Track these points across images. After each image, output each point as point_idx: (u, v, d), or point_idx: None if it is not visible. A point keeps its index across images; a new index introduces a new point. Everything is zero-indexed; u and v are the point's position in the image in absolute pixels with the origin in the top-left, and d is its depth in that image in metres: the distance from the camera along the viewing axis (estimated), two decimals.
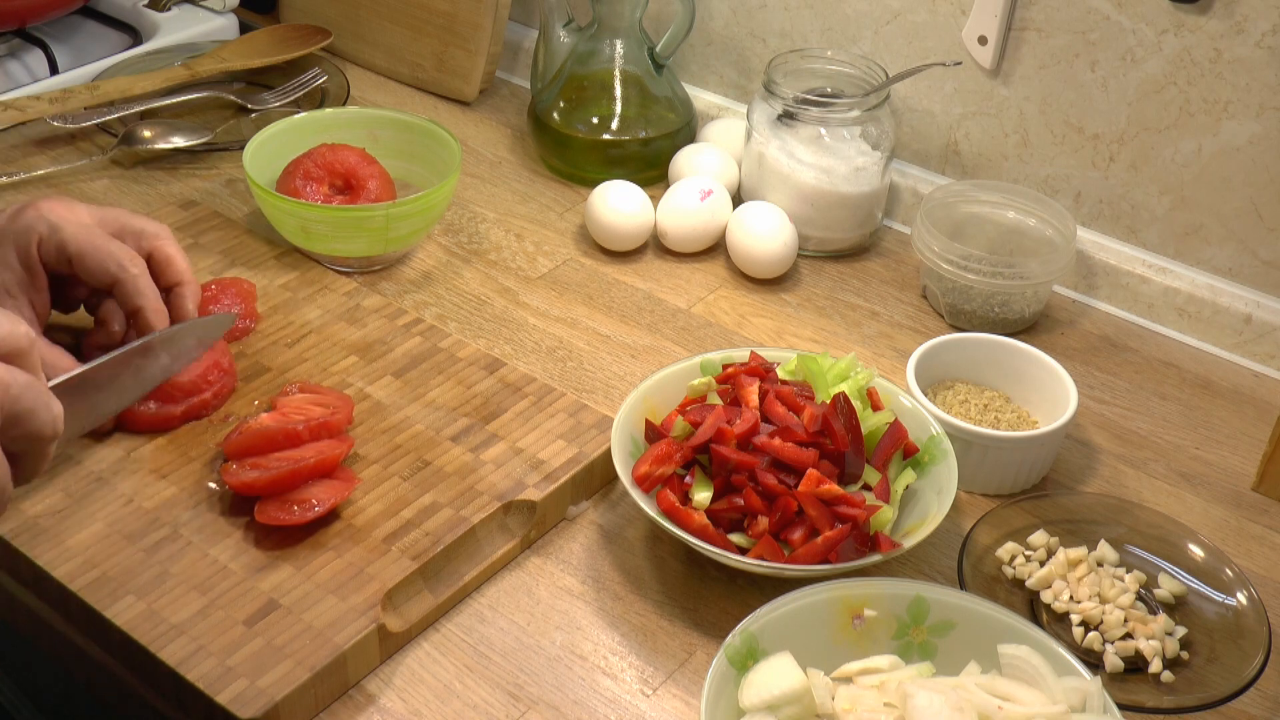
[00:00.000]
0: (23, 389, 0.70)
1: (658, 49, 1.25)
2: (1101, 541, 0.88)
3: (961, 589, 0.82)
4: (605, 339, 1.07)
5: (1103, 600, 0.84)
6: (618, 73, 1.25)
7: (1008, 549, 0.88)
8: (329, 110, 1.19)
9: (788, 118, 1.15)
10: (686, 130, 1.27)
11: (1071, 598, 0.85)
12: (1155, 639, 0.82)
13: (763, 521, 0.83)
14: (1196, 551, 0.87)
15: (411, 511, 0.86)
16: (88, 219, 0.90)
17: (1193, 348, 1.11)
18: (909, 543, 0.83)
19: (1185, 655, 0.82)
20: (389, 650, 0.81)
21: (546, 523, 0.90)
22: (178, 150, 1.24)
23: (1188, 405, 1.05)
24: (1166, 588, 0.86)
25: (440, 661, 0.81)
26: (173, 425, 0.91)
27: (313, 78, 1.35)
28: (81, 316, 0.96)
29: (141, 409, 0.90)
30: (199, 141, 1.24)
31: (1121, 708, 0.72)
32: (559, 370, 1.03)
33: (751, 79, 1.30)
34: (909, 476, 0.88)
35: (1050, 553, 0.88)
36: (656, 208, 1.17)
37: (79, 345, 0.93)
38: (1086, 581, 0.85)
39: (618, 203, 1.15)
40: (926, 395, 0.96)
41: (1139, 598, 0.85)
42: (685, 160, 1.22)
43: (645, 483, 0.86)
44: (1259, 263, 1.08)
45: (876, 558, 0.82)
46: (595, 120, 1.25)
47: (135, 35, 1.44)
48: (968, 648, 0.76)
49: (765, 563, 0.81)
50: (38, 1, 1.38)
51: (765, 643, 0.74)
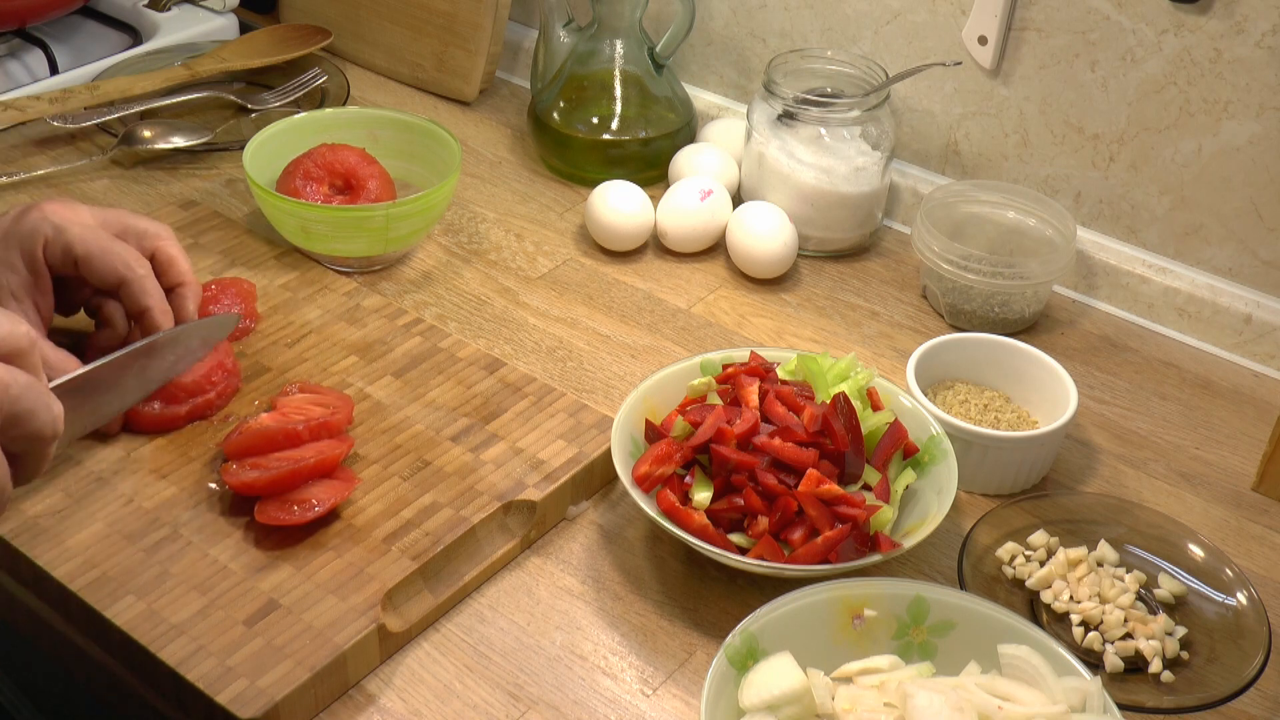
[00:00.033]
0: (23, 389, 0.70)
1: (658, 49, 1.25)
2: (1101, 541, 0.88)
3: (961, 589, 0.82)
4: (605, 339, 1.07)
5: (1103, 600, 0.84)
6: (618, 73, 1.25)
7: (1008, 549, 0.88)
8: (329, 110, 1.19)
9: (788, 118, 1.15)
10: (686, 130, 1.27)
11: (1071, 598, 0.85)
12: (1155, 639, 0.82)
13: (763, 521, 0.83)
14: (1196, 551, 0.87)
15: (411, 511, 0.86)
16: (90, 220, 0.90)
17: (1193, 348, 1.11)
18: (909, 543, 0.83)
19: (1185, 655, 0.82)
20: (389, 650, 0.81)
21: (546, 523, 0.90)
22: (178, 150, 1.24)
23: (1188, 405, 1.05)
24: (1166, 588, 0.86)
25: (440, 661, 0.81)
26: (177, 425, 0.91)
27: (313, 78, 1.35)
28: (81, 320, 0.96)
29: (146, 409, 0.90)
30: (199, 141, 1.24)
31: (1121, 708, 0.72)
32: (559, 370, 1.03)
33: (751, 79, 1.30)
34: (909, 476, 0.88)
35: (1050, 553, 0.88)
36: (656, 208, 1.17)
37: (80, 348, 0.93)
38: (1086, 581, 0.85)
39: (618, 203, 1.15)
40: (926, 395, 0.96)
41: (1139, 598, 0.85)
42: (685, 160, 1.22)
43: (645, 483, 0.86)
44: (1259, 263, 1.08)
45: (876, 558, 0.82)
46: (595, 120, 1.25)
47: (135, 35, 1.44)
48: (968, 648, 0.76)
49: (765, 563, 0.81)
50: (38, 1, 1.38)
51: (765, 643, 0.74)
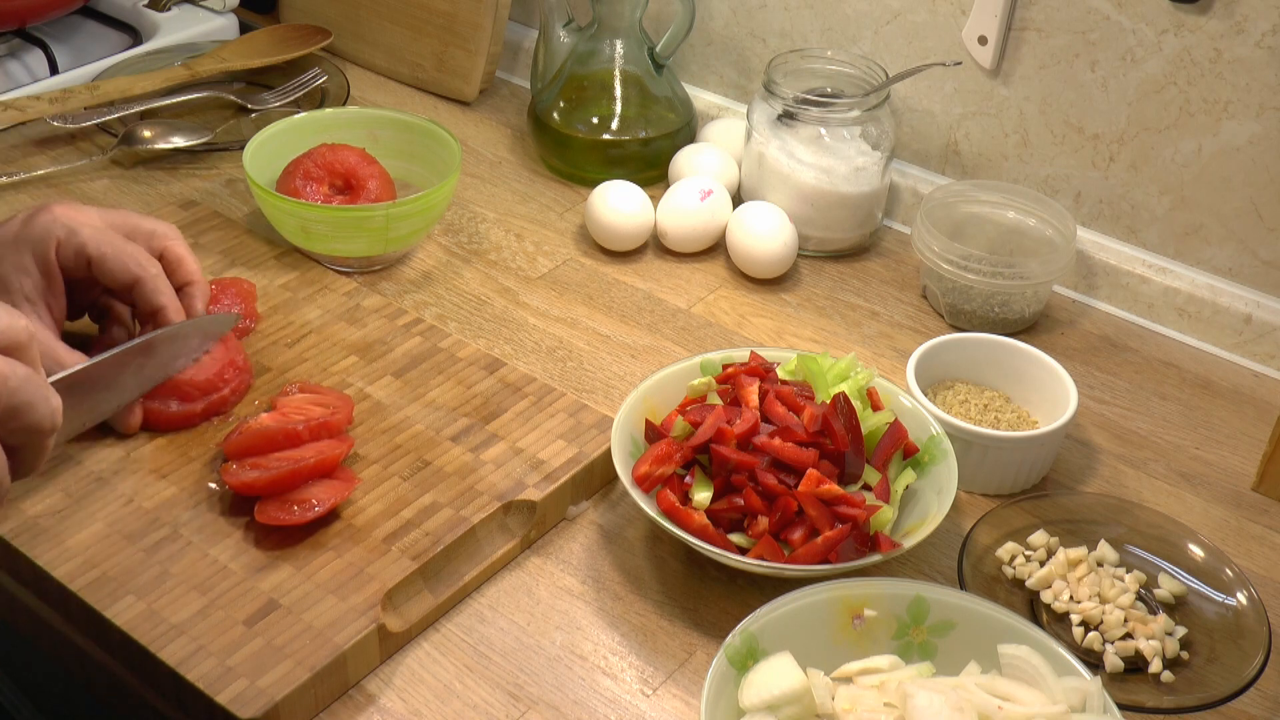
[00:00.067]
0: (21, 381, 0.70)
1: (658, 49, 1.25)
2: (1101, 541, 0.88)
3: (961, 589, 0.82)
4: (605, 339, 1.07)
5: (1103, 600, 0.84)
6: (618, 73, 1.25)
7: (1008, 549, 0.88)
8: (329, 110, 1.19)
9: (788, 118, 1.15)
10: (686, 130, 1.27)
11: (1071, 598, 0.85)
12: (1155, 639, 0.82)
13: (763, 521, 0.83)
14: (1196, 551, 0.87)
15: (411, 511, 0.86)
16: (99, 221, 0.90)
17: (1193, 348, 1.11)
18: (909, 543, 0.83)
19: (1185, 655, 0.82)
20: (389, 650, 0.81)
21: (546, 523, 0.90)
22: (178, 150, 1.24)
23: (1188, 405, 1.05)
24: (1166, 588, 0.86)
25: (440, 661, 0.81)
26: (194, 422, 0.91)
27: (313, 78, 1.35)
28: (83, 324, 0.96)
29: (162, 408, 0.90)
30: (199, 141, 1.24)
31: (1121, 708, 0.72)
32: (559, 370, 1.03)
33: (751, 79, 1.30)
34: (909, 476, 0.88)
35: (1050, 553, 0.88)
36: (656, 208, 1.17)
37: (84, 351, 0.93)
38: (1086, 581, 0.85)
39: (618, 203, 1.15)
40: (926, 395, 0.96)
41: (1139, 598, 0.85)
42: (685, 160, 1.22)
43: (645, 483, 0.86)
44: (1259, 263, 1.07)
45: (876, 558, 0.82)
46: (595, 120, 1.24)
47: (135, 35, 1.44)
48: (968, 648, 0.76)
49: (765, 563, 0.81)
50: (38, 1, 1.38)
51: (765, 643, 0.74)
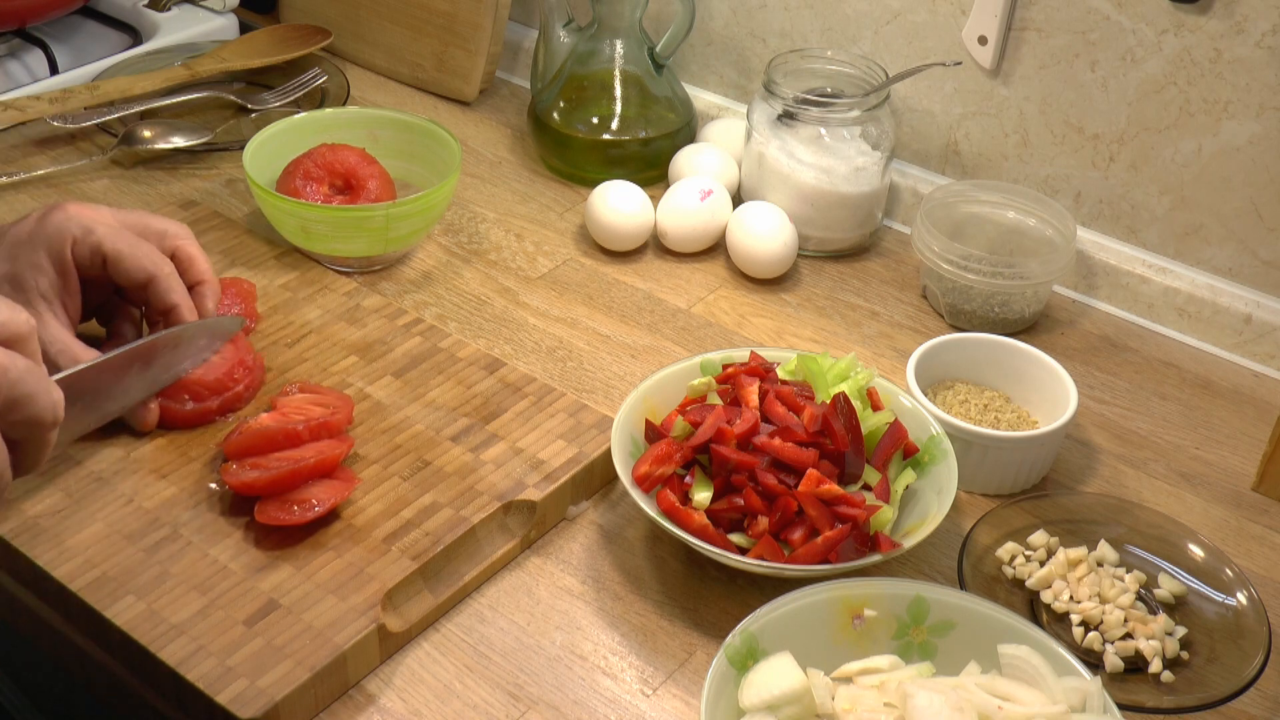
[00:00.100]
0: (22, 373, 0.70)
1: (658, 49, 1.25)
2: (1101, 541, 0.88)
3: (961, 589, 0.82)
4: (605, 339, 1.07)
5: (1103, 600, 0.84)
6: (618, 73, 1.25)
7: (1008, 549, 0.88)
8: (329, 110, 1.19)
9: (788, 118, 1.15)
10: (686, 130, 1.27)
11: (1071, 598, 0.85)
12: (1155, 639, 0.82)
13: (763, 521, 0.83)
14: (1196, 551, 0.87)
15: (411, 511, 0.86)
16: (113, 220, 0.90)
17: (1193, 348, 1.10)
18: (909, 543, 0.83)
19: (1185, 655, 0.82)
20: (389, 650, 0.81)
21: (546, 523, 0.90)
22: (178, 150, 1.24)
23: (1188, 405, 1.05)
24: (1166, 588, 0.86)
25: (440, 661, 0.81)
26: (210, 419, 0.92)
27: (313, 78, 1.35)
28: (90, 327, 0.96)
29: (177, 406, 0.90)
30: (199, 141, 1.24)
31: (1121, 708, 0.72)
32: (559, 370, 1.03)
33: (751, 79, 1.30)
34: (909, 476, 0.88)
35: (1050, 553, 0.88)
36: (656, 208, 1.17)
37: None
38: (1086, 581, 0.85)
39: (618, 203, 1.15)
40: (926, 395, 0.96)
41: (1139, 598, 0.85)
42: (685, 160, 1.22)
43: (645, 483, 0.86)
44: (1259, 263, 1.07)
45: (876, 558, 0.82)
46: (595, 120, 1.24)
47: (135, 35, 1.44)
48: (968, 648, 0.76)
49: (765, 563, 0.81)
50: (38, 1, 1.38)
51: (765, 643, 0.74)
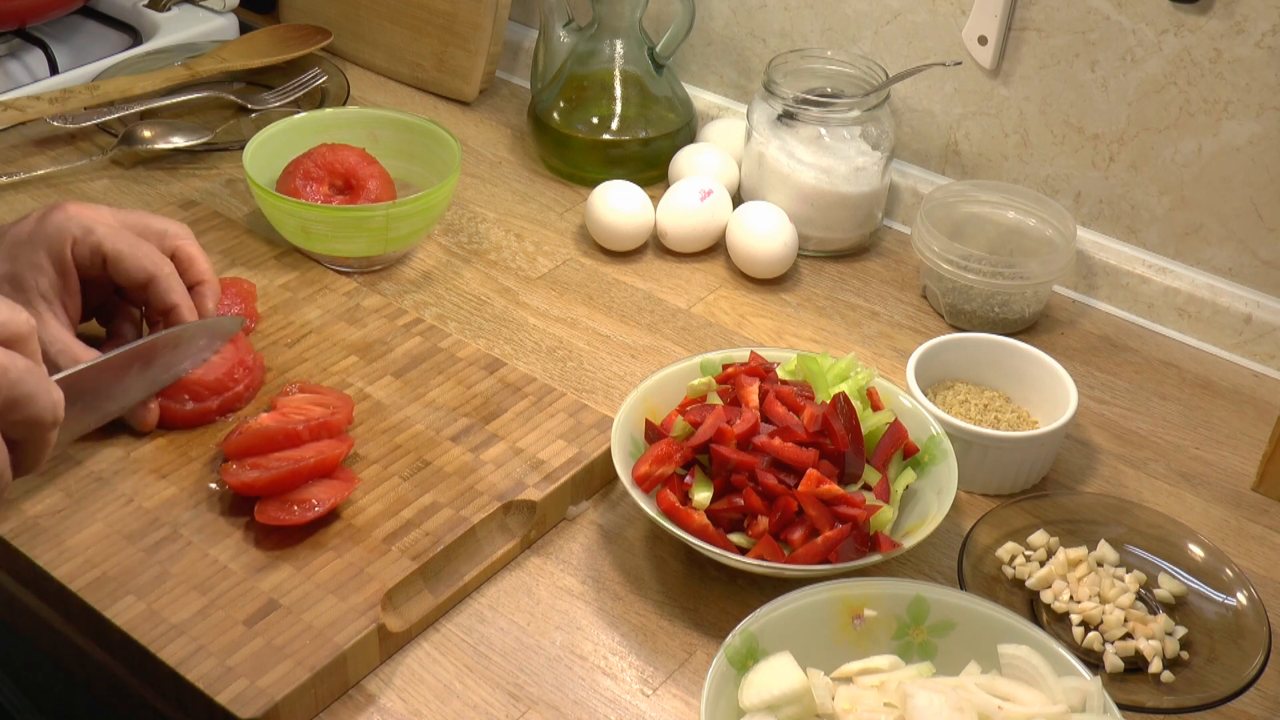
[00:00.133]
0: (22, 373, 0.70)
1: (658, 49, 1.25)
2: (1101, 541, 0.88)
3: (961, 589, 0.82)
4: (605, 339, 1.07)
5: (1103, 600, 0.84)
6: (618, 73, 1.25)
7: (1008, 549, 0.88)
8: (329, 110, 1.19)
9: (788, 118, 1.15)
10: (686, 130, 1.27)
11: (1071, 598, 0.85)
12: (1155, 639, 0.82)
13: (763, 521, 0.83)
14: (1196, 551, 0.87)
15: (411, 511, 0.86)
16: (113, 220, 0.90)
17: (1193, 348, 1.10)
18: (909, 543, 0.83)
19: (1185, 655, 0.82)
20: (389, 650, 0.81)
21: (546, 523, 0.90)
22: (178, 150, 1.24)
23: (1188, 405, 1.05)
24: (1166, 588, 0.86)
25: (440, 661, 0.81)
26: (210, 419, 0.92)
27: (313, 78, 1.35)
28: (90, 327, 0.96)
29: (178, 406, 0.90)
30: (199, 141, 1.24)
31: (1121, 708, 0.72)
32: (559, 370, 1.03)
33: (751, 79, 1.30)
34: (909, 476, 0.88)
35: (1050, 553, 0.88)
36: (656, 208, 1.17)
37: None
38: (1086, 581, 0.85)
39: (618, 203, 1.15)
40: (926, 395, 0.96)
41: (1139, 598, 0.85)
42: (685, 160, 1.22)
43: (645, 483, 0.86)
44: (1259, 263, 1.07)
45: (876, 558, 0.82)
46: (595, 120, 1.24)
47: (135, 35, 1.44)
48: (968, 648, 0.76)
49: (765, 563, 0.81)
50: (38, 1, 1.38)
51: (765, 643, 0.74)
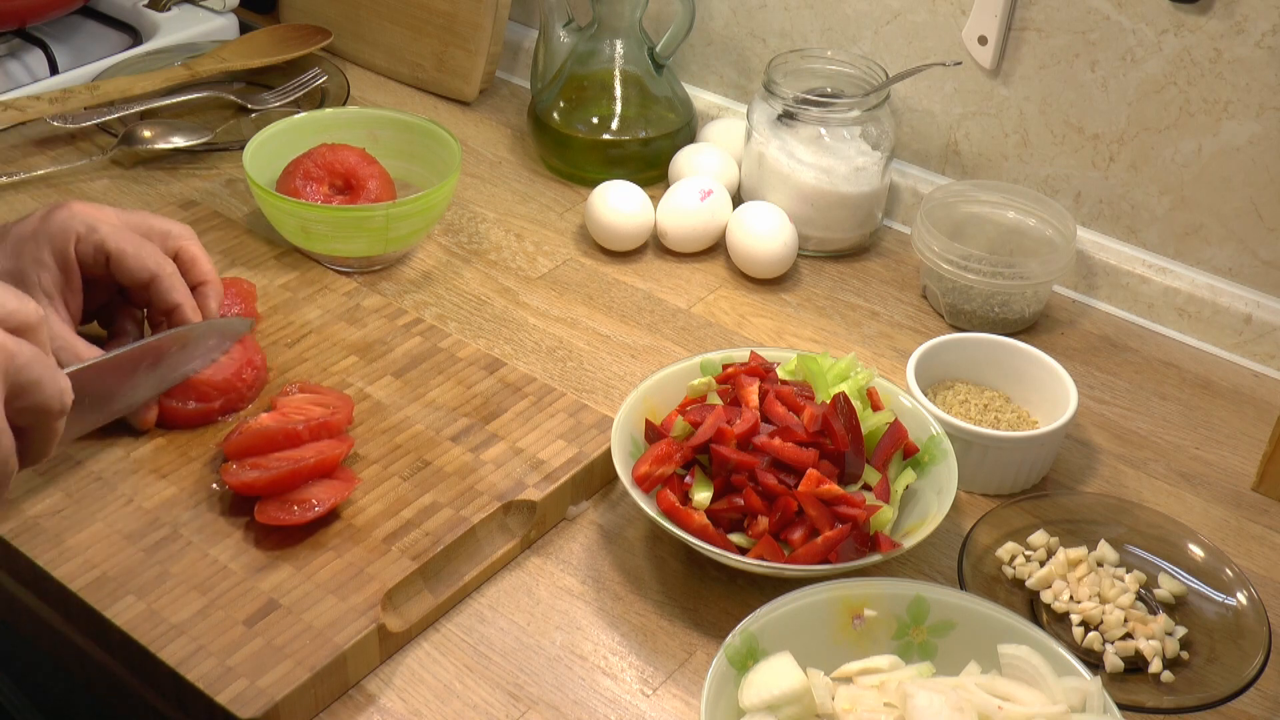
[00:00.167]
0: (29, 359, 0.70)
1: (658, 49, 1.25)
2: (1101, 541, 0.88)
3: (961, 589, 0.82)
4: (605, 339, 1.07)
5: (1103, 600, 0.84)
6: (618, 73, 1.25)
7: (1008, 549, 0.88)
8: (329, 110, 1.19)
9: (788, 118, 1.15)
10: (686, 130, 1.27)
11: (1071, 598, 0.85)
12: (1155, 639, 0.82)
13: (763, 521, 0.83)
14: (1196, 551, 0.87)
15: (411, 511, 0.86)
16: (116, 220, 0.90)
17: (1193, 348, 1.10)
18: (909, 543, 0.83)
19: (1185, 655, 0.82)
20: (389, 650, 0.81)
21: (546, 523, 0.90)
22: (178, 150, 1.24)
23: (1188, 405, 1.05)
24: (1166, 588, 0.86)
25: (440, 661, 0.81)
26: (211, 419, 0.92)
27: (313, 78, 1.35)
28: (91, 329, 0.96)
29: (179, 406, 0.90)
30: (199, 141, 1.24)
31: (1121, 708, 0.72)
32: (559, 370, 1.03)
33: (751, 79, 1.30)
34: (909, 476, 0.88)
35: (1050, 553, 0.88)
36: (656, 208, 1.17)
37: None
38: (1086, 581, 0.85)
39: (618, 203, 1.15)
40: (926, 395, 0.96)
41: (1139, 598, 0.85)
42: (685, 160, 1.22)
43: (645, 483, 0.86)
44: (1259, 263, 1.07)
45: (876, 558, 0.82)
46: (595, 120, 1.24)
47: (135, 35, 1.44)
48: (968, 648, 0.76)
49: (765, 563, 0.81)
50: (38, 1, 1.38)
51: (765, 643, 0.74)
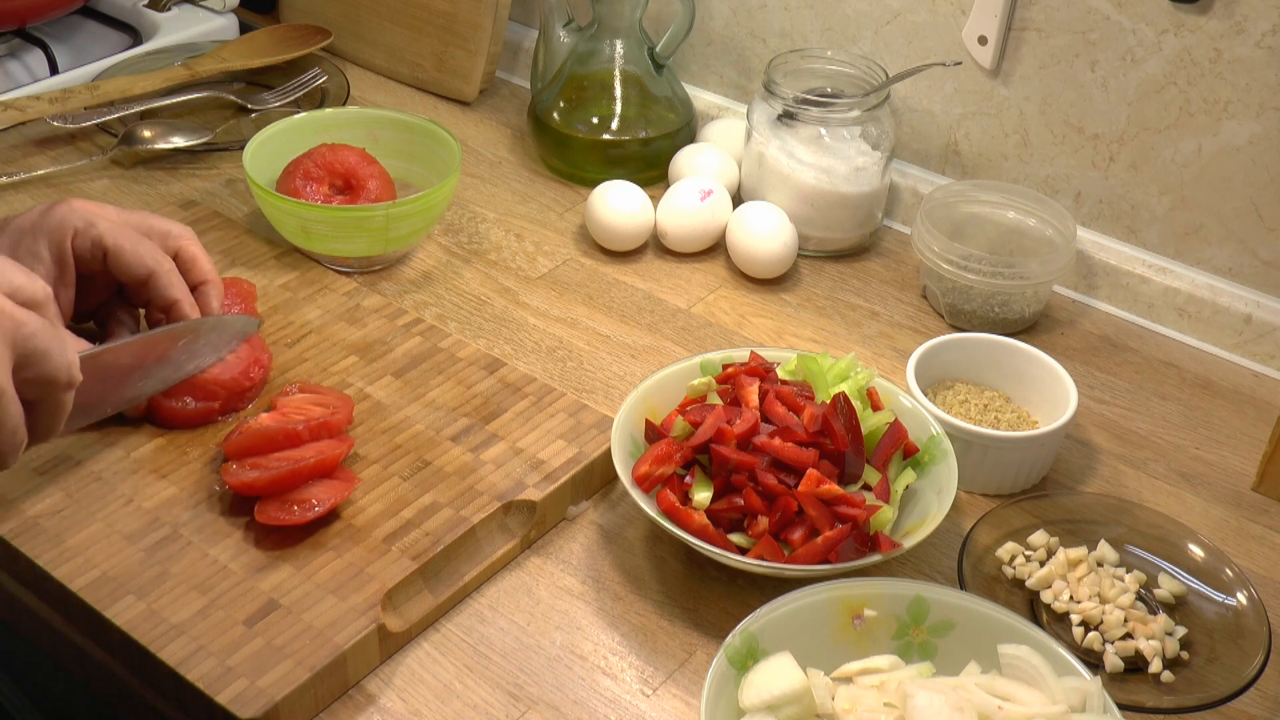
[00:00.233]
0: (37, 329, 0.70)
1: (658, 49, 1.25)
2: (1101, 541, 0.88)
3: (961, 589, 0.82)
4: (605, 339, 1.07)
5: (1103, 600, 0.84)
6: (618, 73, 1.25)
7: (1008, 549, 0.88)
8: (329, 110, 1.19)
9: (788, 118, 1.15)
10: (686, 130, 1.27)
11: (1071, 598, 0.85)
12: (1155, 639, 0.82)
13: (763, 521, 0.83)
14: (1196, 551, 0.87)
15: (411, 511, 0.86)
16: (116, 217, 0.91)
17: (1193, 348, 1.10)
18: (909, 543, 0.83)
19: (1185, 655, 0.82)
20: (389, 650, 0.81)
21: (546, 523, 0.90)
22: (178, 150, 1.24)
23: (1188, 405, 1.05)
24: (1166, 588, 0.86)
25: (440, 661, 0.81)
26: (212, 419, 0.91)
27: (313, 78, 1.35)
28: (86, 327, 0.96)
29: (179, 405, 0.90)
30: (199, 141, 1.24)
31: (1121, 708, 0.72)
32: (559, 370, 1.03)
33: (751, 79, 1.30)
34: (909, 476, 0.88)
35: (1050, 553, 0.88)
36: (656, 208, 1.17)
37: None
38: (1086, 581, 0.85)
39: (618, 203, 1.15)
40: (926, 395, 0.96)
41: (1139, 598, 0.85)
42: (685, 160, 1.22)
43: (645, 483, 0.86)
44: (1259, 263, 1.08)
45: (876, 558, 0.82)
46: (595, 120, 1.24)
47: (135, 35, 1.44)
48: (968, 648, 0.76)
49: (765, 563, 0.81)
50: (38, 1, 1.38)
51: (765, 643, 0.74)
